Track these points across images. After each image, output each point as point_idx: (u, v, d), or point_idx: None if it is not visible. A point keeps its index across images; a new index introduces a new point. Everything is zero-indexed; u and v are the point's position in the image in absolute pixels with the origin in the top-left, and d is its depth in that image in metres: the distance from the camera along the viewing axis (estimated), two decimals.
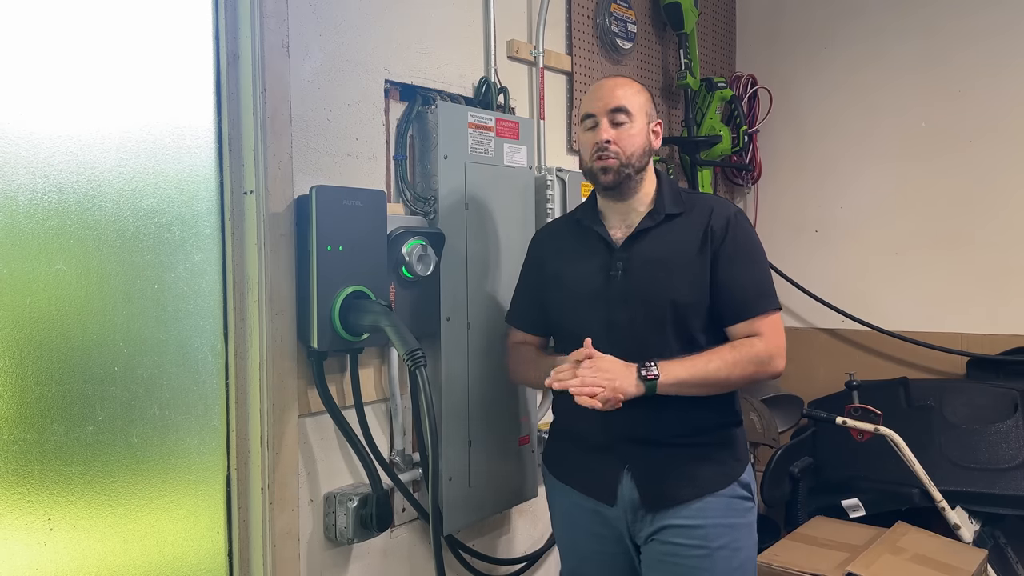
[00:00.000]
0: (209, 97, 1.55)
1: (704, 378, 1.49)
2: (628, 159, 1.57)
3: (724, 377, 1.50)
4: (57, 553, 1.34)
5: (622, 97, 1.58)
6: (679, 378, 1.48)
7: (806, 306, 3.06)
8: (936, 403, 2.58)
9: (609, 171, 1.57)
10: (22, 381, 1.30)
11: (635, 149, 1.58)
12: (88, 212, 1.37)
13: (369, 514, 1.69)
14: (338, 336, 1.60)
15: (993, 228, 2.75)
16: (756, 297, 1.56)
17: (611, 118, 1.58)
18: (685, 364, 1.49)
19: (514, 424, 2.03)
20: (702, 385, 1.50)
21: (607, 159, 1.57)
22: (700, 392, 1.51)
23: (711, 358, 1.50)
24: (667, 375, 1.47)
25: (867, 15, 2.98)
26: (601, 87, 1.63)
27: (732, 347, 1.53)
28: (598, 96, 1.61)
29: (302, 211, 1.60)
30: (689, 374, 1.48)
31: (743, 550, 1.58)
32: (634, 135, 1.58)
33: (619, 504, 1.59)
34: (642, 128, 1.60)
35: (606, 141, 1.57)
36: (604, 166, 1.58)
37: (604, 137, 1.57)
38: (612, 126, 1.58)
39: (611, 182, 1.58)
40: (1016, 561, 2.48)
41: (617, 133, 1.57)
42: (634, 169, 1.59)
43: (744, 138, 3.01)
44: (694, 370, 1.49)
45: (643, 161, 1.60)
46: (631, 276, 1.58)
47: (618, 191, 1.61)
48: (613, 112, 1.57)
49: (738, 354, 1.51)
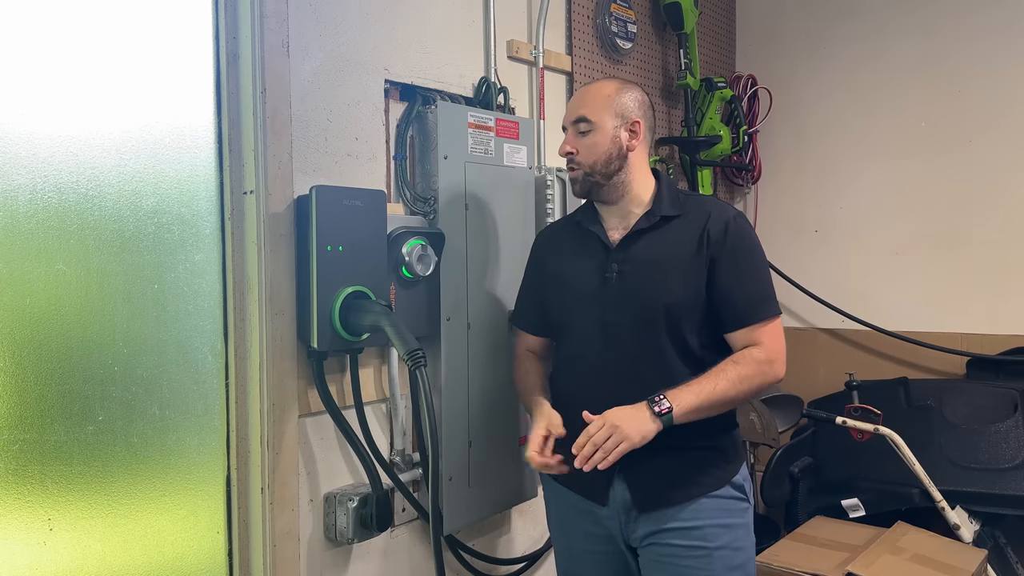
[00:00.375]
0: (209, 97, 1.55)
1: (714, 401, 1.49)
2: (592, 167, 1.60)
3: (733, 396, 1.51)
4: (57, 553, 1.34)
5: (582, 106, 1.62)
6: (692, 406, 1.47)
7: (806, 306, 3.06)
8: (936, 403, 2.58)
9: (575, 182, 1.63)
10: (22, 381, 1.30)
11: (597, 157, 1.59)
12: (88, 212, 1.37)
13: (369, 514, 1.69)
14: (338, 336, 1.60)
15: (993, 228, 2.75)
16: (757, 303, 1.55)
17: (575, 128, 1.62)
18: (694, 390, 1.48)
19: (514, 424, 2.03)
20: (713, 408, 1.50)
21: (571, 170, 1.63)
22: (712, 414, 1.51)
23: (717, 380, 1.50)
24: (679, 406, 1.46)
25: (867, 15, 2.98)
26: (574, 97, 1.69)
27: (734, 363, 1.52)
28: (568, 106, 1.67)
29: (302, 211, 1.60)
30: (700, 400, 1.48)
31: (743, 550, 1.58)
32: (597, 143, 1.59)
33: (611, 505, 1.59)
34: (607, 134, 1.59)
35: (567, 152, 1.62)
36: (572, 177, 1.64)
37: (566, 149, 1.63)
38: (577, 136, 1.61)
39: (578, 191, 1.64)
40: (1016, 561, 2.48)
41: (578, 143, 1.61)
42: (601, 176, 1.60)
43: (744, 138, 3.01)
44: (703, 395, 1.48)
45: (612, 166, 1.60)
46: (626, 277, 1.58)
47: (597, 197, 1.64)
48: (576, 123, 1.61)
49: (742, 369, 1.51)
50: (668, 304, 1.54)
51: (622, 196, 1.62)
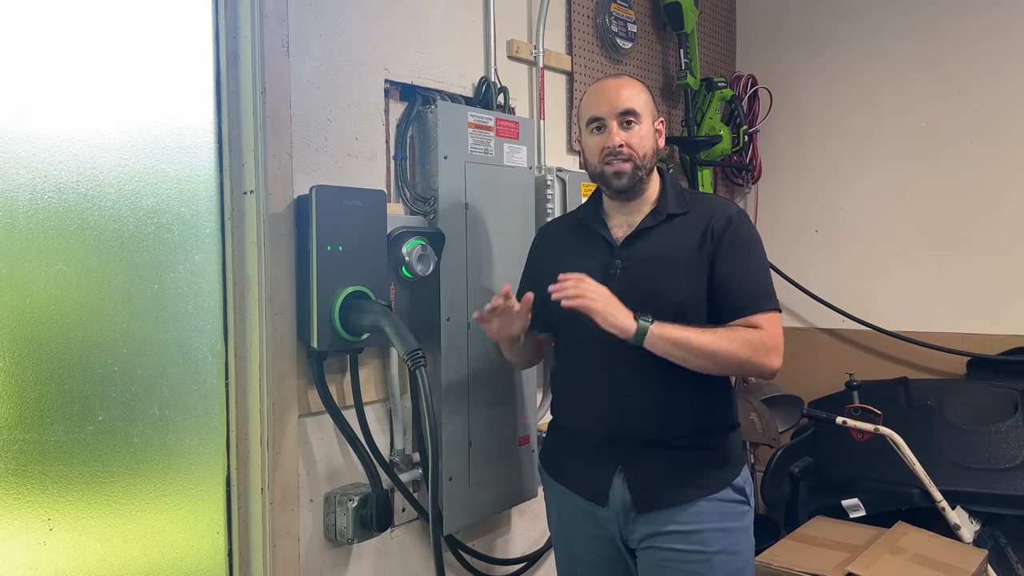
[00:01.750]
0: (209, 97, 1.55)
1: (694, 345, 1.46)
2: (642, 160, 1.57)
3: (715, 351, 1.47)
4: (57, 553, 1.34)
5: (628, 98, 1.57)
6: (670, 335, 1.45)
7: (806, 306, 3.06)
8: (936, 403, 2.58)
9: (623, 175, 1.57)
10: (22, 381, 1.30)
11: (646, 150, 1.58)
12: (88, 212, 1.37)
13: (369, 514, 1.69)
14: (338, 336, 1.60)
15: (993, 228, 2.75)
16: (757, 296, 1.54)
17: (621, 120, 1.57)
18: (679, 326, 1.48)
19: (514, 424, 2.03)
20: (690, 351, 1.47)
21: (622, 163, 1.56)
22: (688, 361, 1.48)
23: (706, 330, 1.49)
24: (660, 327, 1.45)
25: (867, 14, 2.98)
26: (605, 88, 1.61)
27: (730, 328, 1.51)
28: (604, 98, 1.59)
29: (302, 211, 1.60)
30: (681, 335, 1.46)
31: (741, 553, 1.57)
32: (644, 136, 1.58)
33: (611, 505, 1.59)
34: (650, 129, 1.60)
35: (619, 145, 1.56)
36: (618, 171, 1.57)
37: (617, 141, 1.56)
38: (623, 128, 1.57)
39: (626, 186, 1.58)
40: (1016, 561, 2.47)
41: (628, 135, 1.57)
42: (646, 171, 1.59)
43: (744, 138, 3.01)
44: (687, 333, 1.46)
45: (653, 161, 1.61)
46: (630, 274, 1.57)
47: (635, 193, 1.60)
48: (623, 115, 1.57)
49: (735, 334, 1.49)
50: (672, 300, 1.53)
51: (641, 193, 1.62)
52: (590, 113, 1.61)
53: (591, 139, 1.61)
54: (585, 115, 1.62)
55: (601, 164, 1.59)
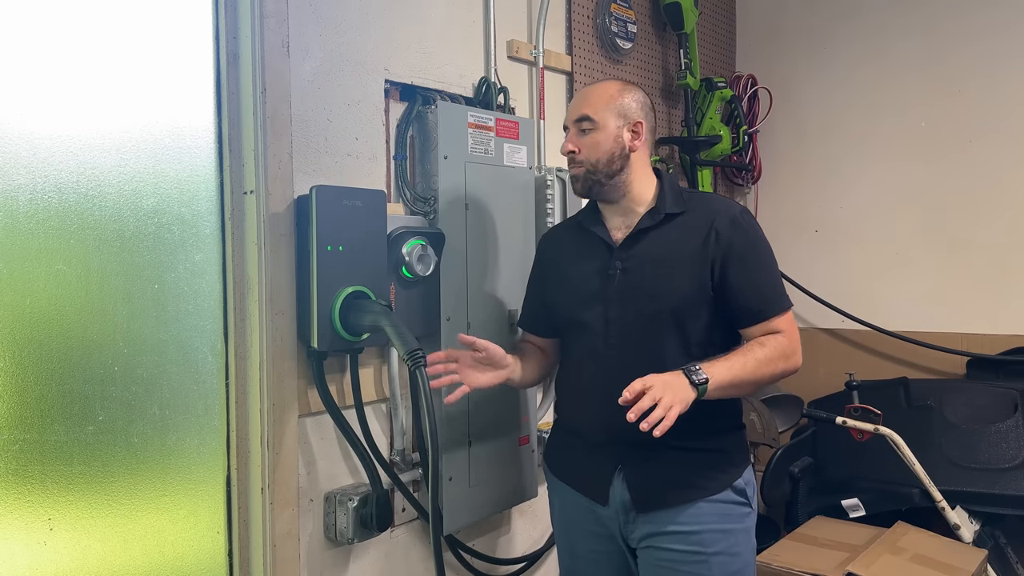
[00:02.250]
0: (209, 97, 1.55)
1: (744, 379, 1.49)
2: (594, 166, 1.59)
3: (758, 377, 1.50)
4: (57, 553, 1.34)
5: (585, 105, 1.61)
6: (725, 380, 1.46)
7: (806, 306, 3.06)
8: (936, 403, 2.58)
9: (577, 180, 1.63)
10: (22, 381, 1.30)
11: (599, 155, 1.59)
12: (88, 212, 1.37)
13: (369, 514, 1.69)
14: (338, 336, 1.60)
15: (993, 228, 2.75)
16: (772, 298, 1.56)
17: (577, 127, 1.61)
18: (725, 365, 1.47)
19: (514, 424, 2.03)
20: (741, 386, 1.50)
21: (576, 168, 1.62)
22: (738, 394, 1.52)
23: (747, 359, 1.49)
24: (714, 378, 1.45)
25: (867, 14, 2.98)
26: (576, 97, 1.68)
27: (761, 344, 1.52)
28: (572, 105, 1.66)
29: (302, 211, 1.60)
30: (732, 375, 1.47)
31: (741, 555, 1.57)
32: (598, 142, 1.59)
33: (611, 504, 1.59)
34: (610, 133, 1.59)
35: (570, 151, 1.62)
36: (573, 175, 1.64)
37: (568, 148, 1.62)
38: (579, 135, 1.61)
39: (579, 190, 1.64)
40: (1016, 561, 2.47)
41: (581, 142, 1.61)
42: (604, 175, 1.60)
43: (744, 138, 3.01)
44: (734, 371, 1.47)
45: (614, 165, 1.60)
46: (629, 275, 1.58)
47: (599, 196, 1.63)
48: (578, 121, 1.61)
49: (769, 351, 1.51)
50: (672, 299, 1.54)
51: (623, 195, 1.62)
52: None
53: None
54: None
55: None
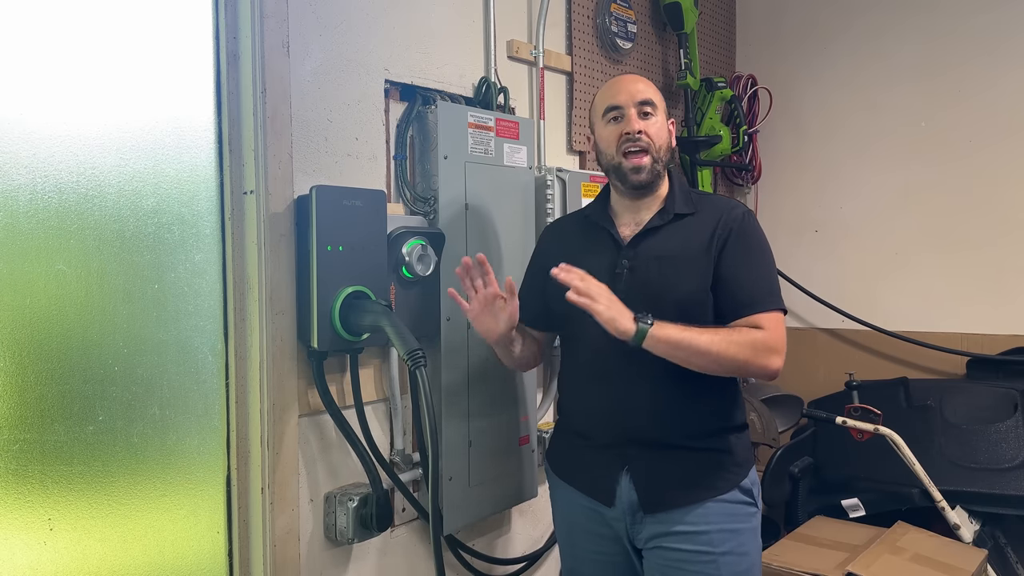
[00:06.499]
0: (209, 97, 1.55)
1: (693, 346, 1.44)
2: (658, 151, 1.57)
3: (715, 352, 1.44)
4: (57, 553, 1.34)
5: (645, 90, 1.59)
6: (670, 337, 1.43)
7: (806, 306, 3.07)
8: (936, 403, 2.58)
9: (642, 170, 1.56)
10: (22, 381, 1.30)
11: (663, 142, 1.58)
12: (88, 212, 1.37)
13: (369, 514, 1.69)
14: (338, 336, 1.60)
15: (993, 228, 2.75)
16: (760, 295, 1.53)
17: (639, 110, 1.57)
18: (679, 327, 1.45)
19: (514, 424, 2.03)
20: (690, 352, 1.45)
21: (640, 156, 1.55)
22: (689, 361, 1.46)
23: (706, 330, 1.46)
24: (660, 328, 1.43)
25: (867, 14, 2.98)
26: (622, 80, 1.62)
27: (732, 328, 1.49)
28: (622, 89, 1.60)
29: (302, 211, 1.60)
30: (680, 336, 1.44)
31: (749, 555, 1.57)
32: (661, 128, 1.58)
33: (618, 505, 1.58)
34: (664, 123, 1.61)
35: (638, 131, 1.55)
36: (637, 165, 1.56)
37: (636, 127, 1.55)
38: (641, 118, 1.57)
39: (645, 180, 1.57)
40: (1016, 561, 2.48)
41: (646, 124, 1.56)
42: (662, 164, 1.59)
43: (744, 138, 3.01)
44: (686, 335, 1.44)
45: (668, 158, 1.60)
46: (636, 273, 1.56)
47: (649, 189, 1.59)
48: (641, 104, 1.57)
49: (735, 335, 1.47)
50: (678, 298, 1.52)
51: (653, 192, 1.61)
52: (607, 103, 1.60)
53: (607, 129, 1.60)
54: (601, 106, 1.61)
55: (619, 155, 1.58)
